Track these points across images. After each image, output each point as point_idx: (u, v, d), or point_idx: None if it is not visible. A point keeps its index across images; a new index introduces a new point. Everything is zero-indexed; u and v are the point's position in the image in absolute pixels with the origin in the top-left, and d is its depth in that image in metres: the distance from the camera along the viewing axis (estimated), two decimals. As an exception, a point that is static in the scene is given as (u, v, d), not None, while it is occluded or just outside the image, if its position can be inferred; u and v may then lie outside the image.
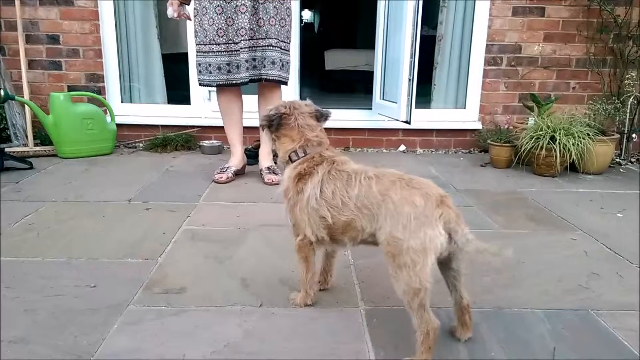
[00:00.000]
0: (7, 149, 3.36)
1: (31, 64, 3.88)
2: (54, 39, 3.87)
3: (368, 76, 5.19)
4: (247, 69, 2.84)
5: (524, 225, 2.39)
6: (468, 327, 1.42)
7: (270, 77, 2.88)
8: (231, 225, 2.29)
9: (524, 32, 3.94)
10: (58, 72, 3.93)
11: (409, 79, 3.62)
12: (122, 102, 4.10)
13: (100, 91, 3.95)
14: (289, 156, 1.53)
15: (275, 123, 1.52)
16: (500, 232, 2.28)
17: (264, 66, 2.86)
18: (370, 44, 4.90)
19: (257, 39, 2.82)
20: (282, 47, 2.87)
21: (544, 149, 3.15)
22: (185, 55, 4.05)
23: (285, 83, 2.96)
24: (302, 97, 4.41)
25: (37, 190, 2.77)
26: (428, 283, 1.24)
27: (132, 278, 1.75)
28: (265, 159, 3.12)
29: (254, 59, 2.85)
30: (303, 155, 1.50)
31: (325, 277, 1.70)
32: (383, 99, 4.09)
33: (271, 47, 2.83)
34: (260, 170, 3.10)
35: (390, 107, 3.90)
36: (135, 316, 1.51)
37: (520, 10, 3.90)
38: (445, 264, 1.36)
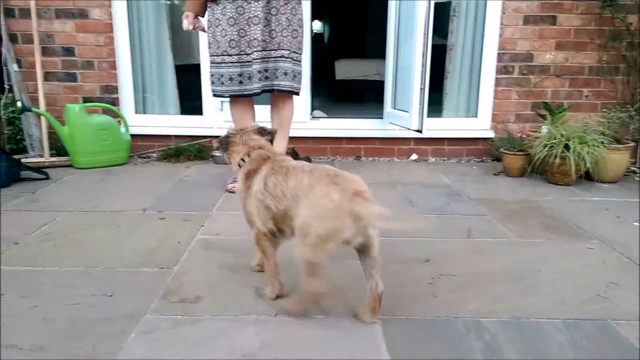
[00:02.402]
0: (23, 160, 3.41)
1: (47, 76, 3.94)
2: (69, 51, 3.93)
3: (378, 85, 5.20)
4: (260, 79, 2.86)
5: (539, 234, 2.37)
6: (376, 313, 1.55)
7: (283, 88, 2.90)
8: (244, 234, 2.28)
9: (536, 40, 3.93)
10: (73, 83, 3.99)
11: (421, 88, 3.62)
12: (135, 112, 4.15)
13: (115, 102, 3.99)
14: (239, 164, 1.75)
15: (224, 143, 1.79)
16: (515, 241, 2.26)
17: (276, 77, 2.88)
18: (380, 54, 4.92)
19: (269, 50, 2.84)
20: (294, 58, 2.89)
21: (558, 158, 3.13)
22: (198, 66, 4.10)
23: (297, 93, 2.98)
24: (312, 108, 4.43)
25: (53, 200, 2.80)
26: (322, 260, 1.46)
27: (148, 287, 1.76)
28: None
29: (266, 70, 2.87)
30: (248, 158, 1.73)
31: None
32: (394, 108, 4.10)
33: (283, 58, 2.85)
34: None
35: (402, 116, 3.91)
36: (152, 325, 1.52)
37: (532, 19, 3.90)
38: (362, 252, 1.52)
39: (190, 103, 4.31)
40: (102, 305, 1.63)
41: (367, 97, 7.31)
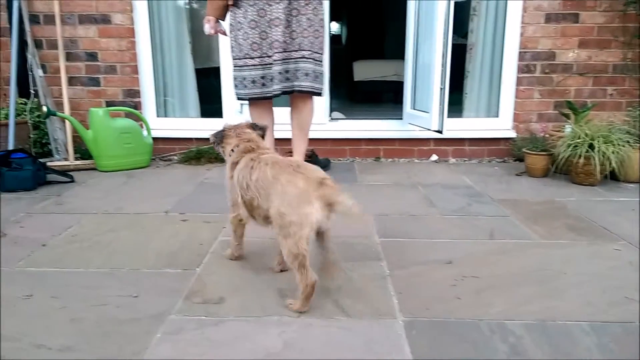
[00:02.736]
0: (49, 163, 3.48)
1: (71, 81, 4.02)
2: (92, 57, 4.01)
3: (397, 86, 5.18)
4: (280, 81, 2.87)
5: (564, 235, 2.33)
6: (334, 277, 1.69)
7: (303, 89, 2.90)
8: (265, 236, 2.30)
9: (558, 38, 3.88)
10: (96, 88, 4.06)
11: (441, 88, 3.60)
12: (157, 116, 4.21)
13: (137, 106, 4.06)
14: (229, 154, 1.91)
15: (219, 137, 1.95)
16: (539, 243, 2.23)
17: (297, 77, 2.88)
18: (398, 54, 4.90)
19: (290, 51, 2.85)
20: (316, 59, 2.89)
21: (582, 157, 3.08)
22: (217, 69, 4.13)
23: (319, 94, 2.97)
24: (331, 109, 4.43)
25: (78, 202, 2.86)
26: (305, 250, 1.53)
27: (172, 288, 1.78)
28: None
29: (287, 71, 2.88)
30: (239, 148, 1.87)
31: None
32: (414, 109, 4.08)
33: (304, 59, 2.85)
34: None
35: (422, 116, 3.89)
36: (177, 326, 1.54)
37: (554, 17, 3.84)
38: (319, 235, 1.62)
39: (211, 106, 4.35)
40: (128, 306, 1.66)
41: (385, 98, 7.28)
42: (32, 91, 3.90)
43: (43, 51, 3.97)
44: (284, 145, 3.63)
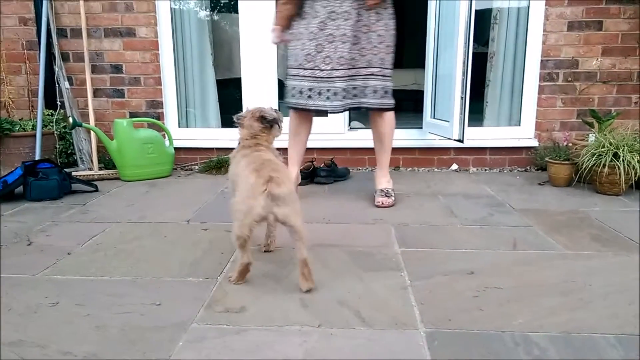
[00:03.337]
0: (74, 173, 3.56)
1: (96, 93, 4.11)
2: (117, 69, 4.10)
3: (416, 95, 5.17)
4: (340, 96, 2.84)
5: (589, 246, 2.29)
6: (307, 278, 1.82)
7: (373, 106, 2.90)
8: (287, 245, 2.32)
9: (581, 46, 3.83)
10: (121, 99, 4.15)
11: (462, 97, 3.58)
12: (179, 126, 4.27)
13: (159, 117, 4.13)
14: (237, 145, 2.15)
15: (237, 121, 2.19)
16: (563, 253, 2.19)
17: (365, 95, 2.87)
18: (417, 63, 4.89)
19: (358, 67, 2.83)
20: (385, 74, 2.88)
21: (606, 167, 3.03)
22: (238, 80, 4.18)
23: (391, 108, 2.96)
24: (350, 119, 4.44)
25: (102, 211, 2.91)
26: (245, 235, 1.76)
27: (194, 297, 1.80)
28: (381, 179, 3.12)
29: (355, 88, 2.87)
30: (241, 143, 2.11)
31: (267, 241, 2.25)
32: (434, 118, 4.06)
33: (373, 76, 2.85)
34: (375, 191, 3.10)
35: (442, 125, 3.87)
36: (199, 334, 1.55)
37: (576, 25, 3.80)
38: (286, 226, 1.80)
39: (231, 116, 4.38)
40: (151, 314, 1.68)
41: (405, 107, 7.26)
42: (58, 103, 4.01)
43: (70, 64, 4.08)
44: (308, 154, 3.65)
